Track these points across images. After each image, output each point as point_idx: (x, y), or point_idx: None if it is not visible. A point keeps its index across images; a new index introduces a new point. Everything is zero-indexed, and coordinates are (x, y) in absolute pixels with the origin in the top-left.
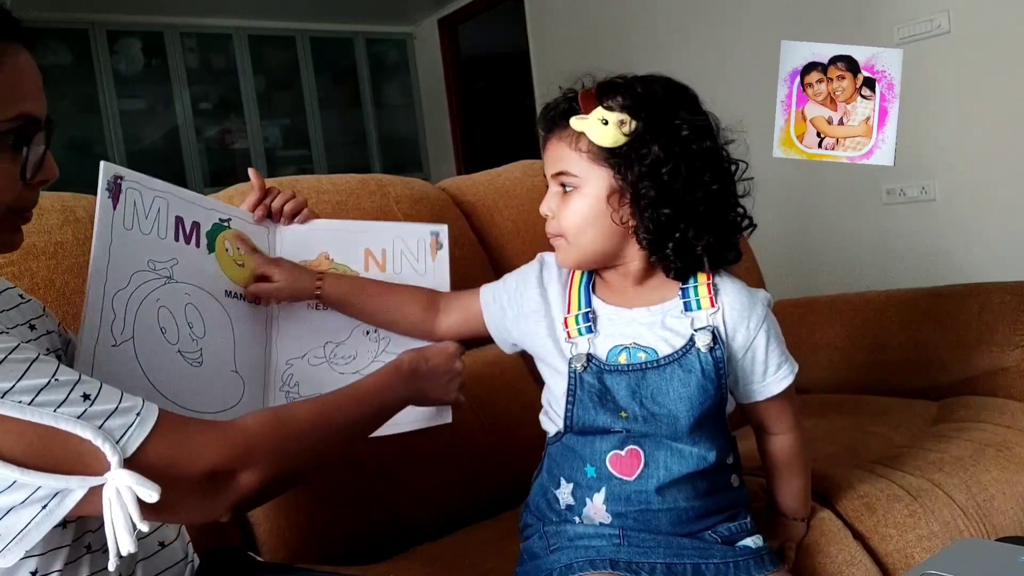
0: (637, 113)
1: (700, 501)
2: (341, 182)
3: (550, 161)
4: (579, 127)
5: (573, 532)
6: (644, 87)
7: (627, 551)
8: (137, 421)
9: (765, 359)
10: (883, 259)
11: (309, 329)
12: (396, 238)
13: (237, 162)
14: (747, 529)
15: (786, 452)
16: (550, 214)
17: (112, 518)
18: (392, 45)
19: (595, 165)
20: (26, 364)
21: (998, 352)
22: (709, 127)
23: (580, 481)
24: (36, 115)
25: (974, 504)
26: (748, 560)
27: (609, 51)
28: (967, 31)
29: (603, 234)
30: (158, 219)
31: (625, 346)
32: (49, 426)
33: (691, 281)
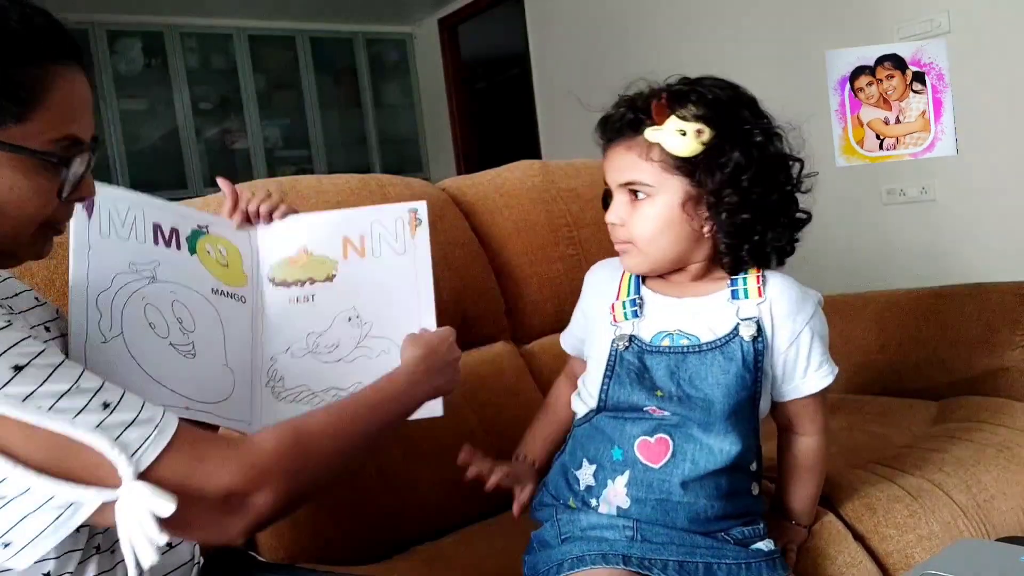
0: (711, 121)
1: (720, 502)
2: (341, 182)
3: (615, 170)
4: (655, 139)
5: (587, 522)
6: (712, 92)
7: (640, 546)
8: (155, 433)
9: (808, 356)
10: (883, 259)
11: (291, 322)
12: (374, 222)
13: (237, 162)
14: (760, 534)
15: (809, 455)
16: (619, 222)
17: (129, 533)
18: (392, 45)
19: (669, 174)
20: (50, 369)
21: (998, 352)
22: (774, 128)
23: (604, 462)
24: (81, 136)
25: (974, 504)
26: (760, 563)
27: (609, 51)
28: (967, 31)
29: (676, 240)
30: (135, 226)
31: (669, 332)
32: (65, 434)
33: (740, 282)
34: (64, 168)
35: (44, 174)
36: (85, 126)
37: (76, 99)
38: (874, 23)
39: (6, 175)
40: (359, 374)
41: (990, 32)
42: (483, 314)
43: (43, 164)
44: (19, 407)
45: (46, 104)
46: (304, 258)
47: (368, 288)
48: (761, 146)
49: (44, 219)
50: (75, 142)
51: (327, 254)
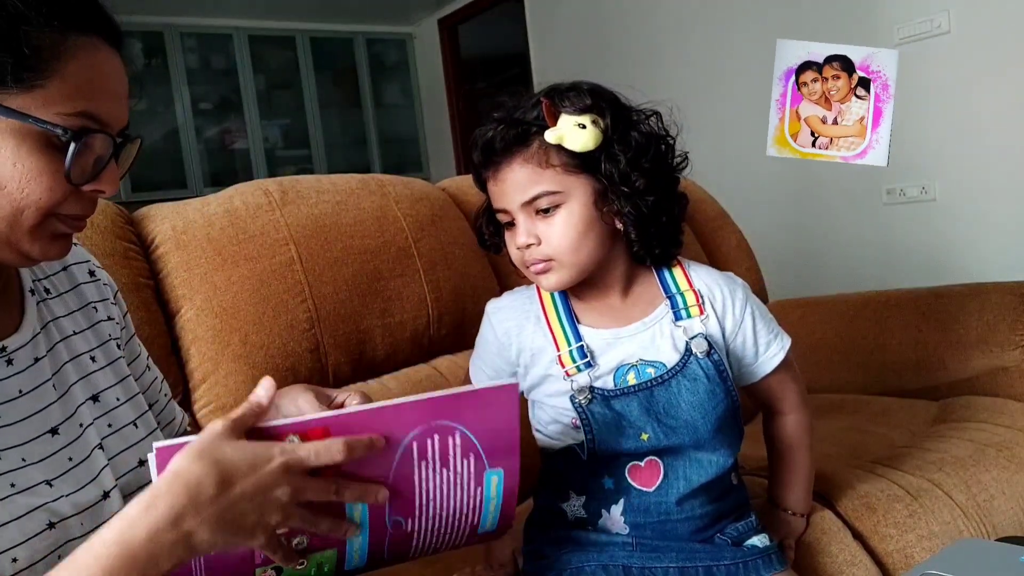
0: (598, 110)
1: (712, 506)
2: (341, 182)
3: (516, 189)
4: (554, 139)
5: (586, 538)
6: (588, 88)
7: (640, 557)
8: None
9: (755, 339)
10: (883, 259)
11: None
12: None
13: (237, 162)
14: (753, 528)
15: (793, 432)
16: (533, 241)
17: None
18: (392, 45)
19: (573, 176)
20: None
21: (998, 352)
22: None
23: (595, 494)
24: (103, 118)
25: (974, 504)
26: (757, 559)
27: (609, 51)
28: (967, 31)
29: (598, 243)
30: None
31: (632, 364)
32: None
33: (674, 287)
34: (74, 143)
35: (52, 151)
36: (108, 108)
37: (98, 75)
38: (874, 23)
39: (8, 147)
40: None
41: (990, 32)
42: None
43: (51, 139)
44: None
45: (60, 74)
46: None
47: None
48: (642, 127)
49: (50, 207)
50: (92, 120)
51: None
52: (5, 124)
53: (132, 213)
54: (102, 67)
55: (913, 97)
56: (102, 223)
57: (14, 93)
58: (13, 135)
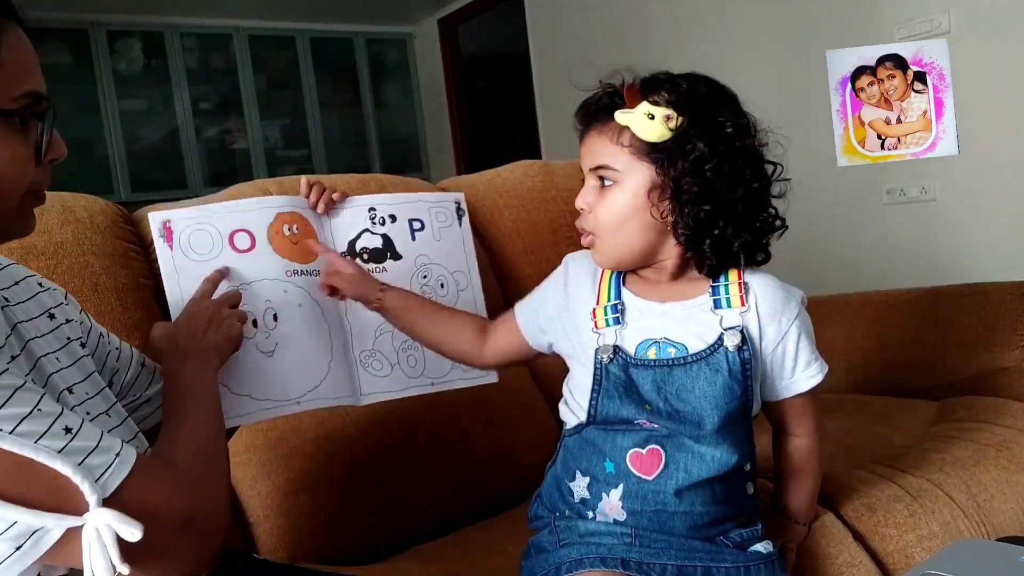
0: (682, 109)
1: (716, 507)
2: (341, 182)
3: (589, 155)
4: (624, 121)
5: (584, 528)
6: (688, 84)
7: (639, 551)
8: (116, 461)
9: (795, 355)
10: (883, 259)
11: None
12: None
13: (237, 162)
14: (758, 535)
15: (802, 455)
16: (586, 207)
17: (91, 562)
18: (392, 45)
19: (637, 160)
20: (9, 391)
21: (998, 352)
22: (750, 126)
23: (598, 476)
24: (40, 91)
25: (974, 504)
26: (759, 565)
27: (609, 51)
28: (967, 31)
29: (640, 230)
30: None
31: (655, 340)
32: (28, 458)
33: (722, 279)
34: (40, 123)
35: (16, 135)
36: (39, 81)
37: (24, 54)
38: (874, 23)
39: None
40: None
41: (990, 32)
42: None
43: (12, 125)
44: None
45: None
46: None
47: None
48: (729, 139)
49: (27, 186)
50: (37, 98)
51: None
52: None
53: (132, 213)
54: (24, 45)
55: None
56: (102, 223)
57: None
58: None
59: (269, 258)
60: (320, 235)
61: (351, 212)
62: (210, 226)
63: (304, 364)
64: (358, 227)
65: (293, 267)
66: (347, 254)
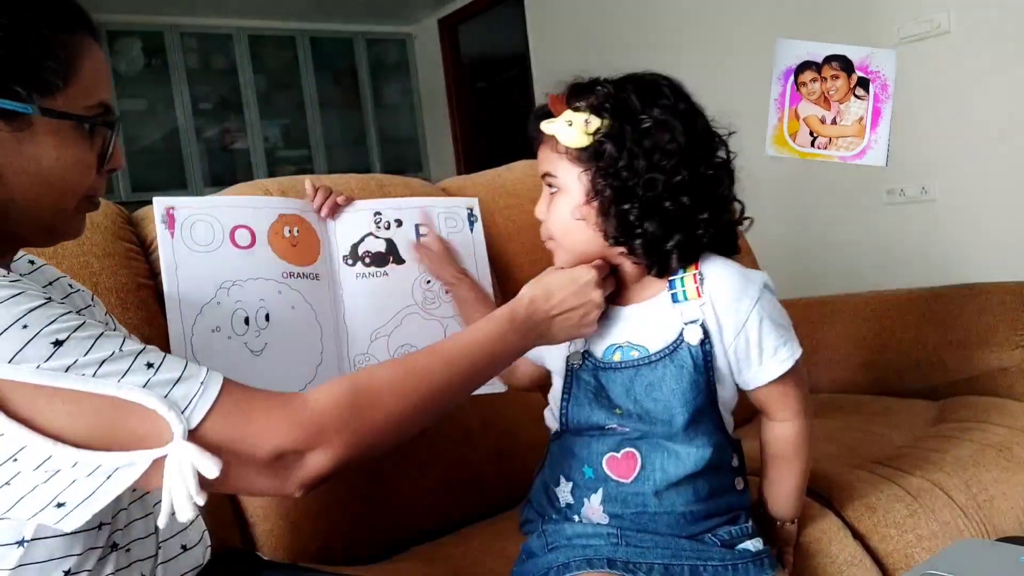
0: (601, 112)
1: (701, 504)
2: (341, 182)
3: (539, 162)
4: (548, 130)
5: (571, 531)
6: (615, 86)
7: (625, 551)
8: (201, 390)
9: (759, 342)
10: (883, 259)
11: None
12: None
13: (237, 162)
14: (747, 533)
15: (784, 442)
16: (541, 216)
17: (171, 488)
18: (392, 45)
19: (573, 166)
20: (91, 340)
21: (998, 352)
22: (682, 121)
23: (578, 481)
24: (109, 103)
25: (974, 504)
26: (747, 563)
27: (609, 51)
28: (967, 31)
29: (586, 236)
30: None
31: (619, 344)
32: (113, 396)
33: (679, 272)
34: (109, 131)
35: (84, 143)
36: (109, 94)
37: (100, 67)
38: (874, 23)
39: (54, 145)
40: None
41: (990, 32)
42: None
43: (82, 132)
44: (62, 378)
45: (80, 73)
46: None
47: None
48: (645, 136)
49: (86, 190)
50: (107, 109)
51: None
52: (46, 124)
53: (132, 213)
54: (100, 59)
55: (913, 97)
56: (102, 223)
57: (56, 96)
58: (53, 133)
59: (267, 258)
60: (322, 238)
61: (356, 216)
62: (212, 218)
63: (291, 366)
64: (362, 231)
65: (290, 269)
66: (348, 258)
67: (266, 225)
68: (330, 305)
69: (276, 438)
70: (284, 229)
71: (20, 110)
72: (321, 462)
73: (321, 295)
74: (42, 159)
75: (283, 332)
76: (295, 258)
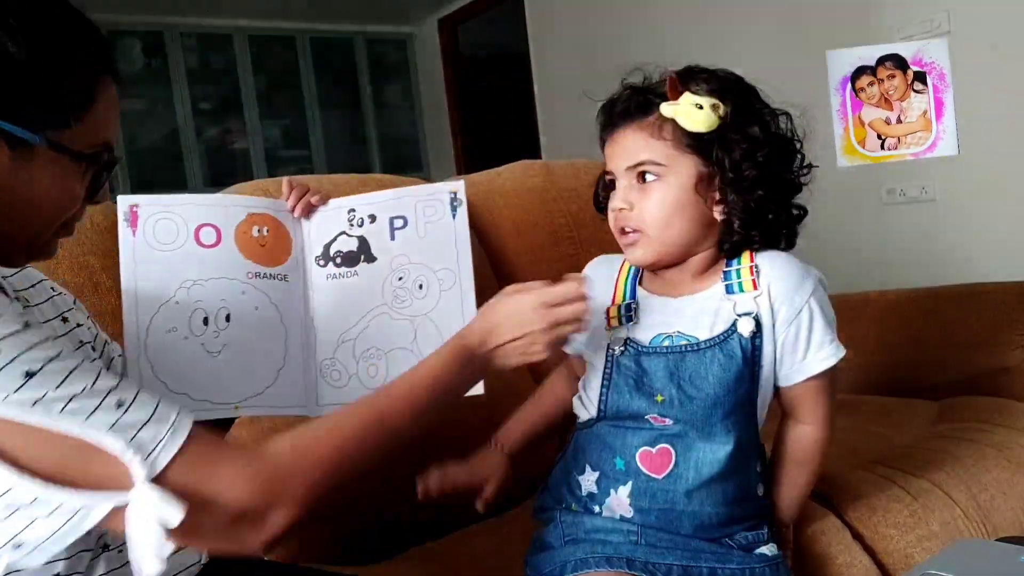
0: (724, 96)
1: (726, 508)
2: (341, 182)
3: (625, 153)
4: (670, 113)
5: (590, 524)
6: (721, 73)
7: (644, 550)
8: (169, 433)
9: (808, 336)
10: (883, 259)
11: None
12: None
13: (237, 162)
14: (764, 538)
15: (806, 446)
16: (627, 206)
17: (136, 539)
18: (392, 45)
19: (681, 153)
20: (64, 374)
21: (998, 352)
22: (781, 111)
23: (607, 471)
24: (112, 144)
25: (974, 504)
26: (765, 568)
27: (609, 51)
28: (967, 31)
29: (689, 224)
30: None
31: (668, 334)
32: (77, 436)
33: (735, 263)
34: (106, 172)
35: (77, 176)
36: (115, 135)
37: (112, 109)
38: (874, 22)
39: (50, 174)
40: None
41: (990, 32)
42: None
43: (79, 167)
44: (28, 411)
45: (93, 111)
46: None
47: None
48: (769, 125)
49: (67, 219)
50: (107, 148)
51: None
52: (48, 155)
53: None
54: (114, 101)
55: None
56: (102, 223)
57: (67, 131)
58: (51, 163)
59: (232, 257)
60: (295, 239)
61: (329, 214)
62: (177, 216)
63: (249, 368)
64: (335, 230)
65: (256, 269)
66: (320, 258)
67: (233, 224)
68: (298, 308)
69: (241, 493)
70: (253, 228)
71: (27, 139)
72: (282, 518)
73: (289, 297)
74: (34, 186)
75: (244, 334)
76: (263, 258)
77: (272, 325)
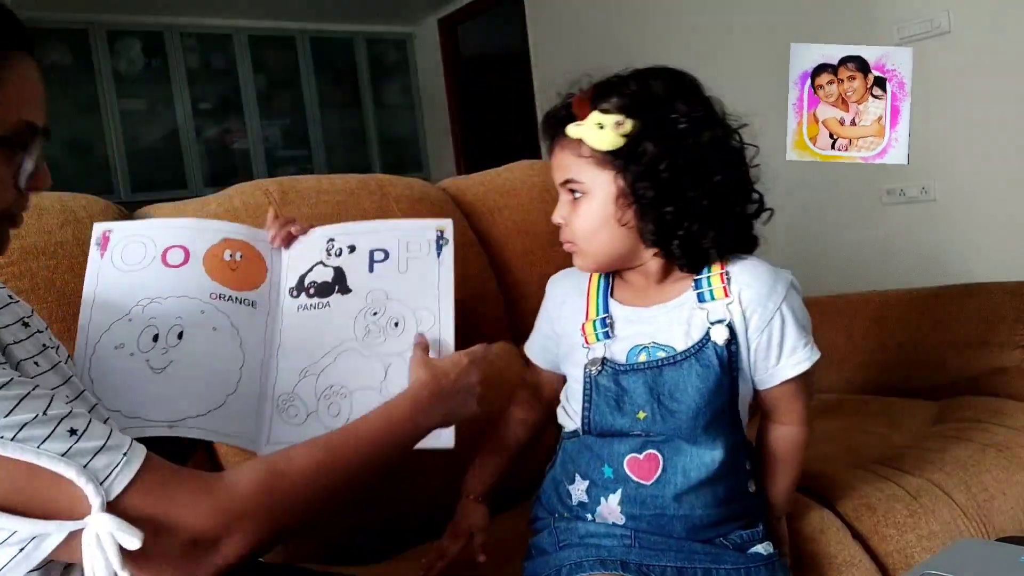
0: (632, 112)
1: (717, 509)
2: (341, 182)
3: (557, 170)
4: (576, 134)
5: (584, 530)
6: (639, 84)
7: (638, 552)
8: (123, 461)
9: (780, 341)
10: (883, 259)
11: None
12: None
13: (237, 162)
14: (759, 537)
15: (786, 445)
16: (562, 222)
17: (93, 567)
18: (392, 45)
19: (599, 169)
20: (15, 401)
21: (998, 352)
22: (709, 117)
23: (596, 480)
24: (35, 123)
25: (974, 504)
26: (760, 567)
27: (609, 51)
28: (967, 31)
29: (614, 238)
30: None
31: (644, 346)
32: (31, 463)
33: (705, 271)
34: (22, 152)
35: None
36: (38, 114)
37: (28, 84)
38: (874, 22)
39: None
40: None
41: (990, 32)
42: (483, 314)
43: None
44: None
45: (2, 90)
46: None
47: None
48: (683, 136)
49: (5, 212)
50: (29, 127)
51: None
52: None
53: (132, 213)
54: (31, 77)
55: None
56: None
57: None
58: None
59: (196, 276)
60: (271, 268)
61: (308, 244)
62: (148, 239)
63: (194, 388)
64: (312, 260)
65: (221, 291)
66: (295, 289)
67: (205, 246)
68: (263, 337)
69: (196, 520)
70: (225, 252)
71: None
72: (235, 548)
73: (252, 324)
74: None
75: (195, 353)
76: (231, 281)
77: (228, 348)
